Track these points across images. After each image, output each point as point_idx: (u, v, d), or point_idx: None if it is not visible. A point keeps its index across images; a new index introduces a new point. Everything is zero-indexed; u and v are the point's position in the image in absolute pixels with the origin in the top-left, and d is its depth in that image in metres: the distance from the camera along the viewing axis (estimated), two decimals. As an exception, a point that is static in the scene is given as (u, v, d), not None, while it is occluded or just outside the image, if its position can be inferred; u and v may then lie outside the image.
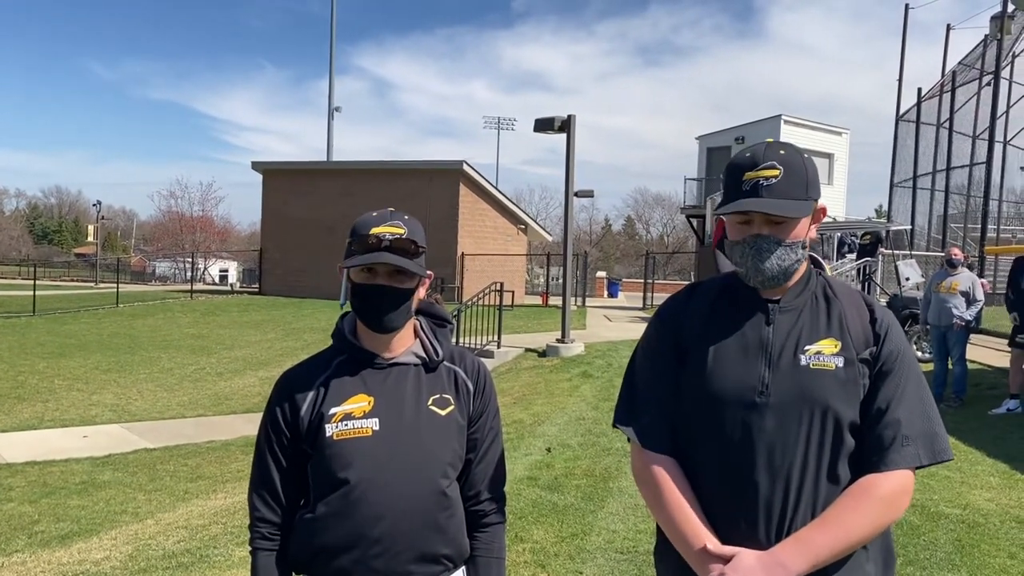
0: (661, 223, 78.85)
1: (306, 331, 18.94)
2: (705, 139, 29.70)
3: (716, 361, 1.80)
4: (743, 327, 1.81)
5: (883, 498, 1.69)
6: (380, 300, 1.89)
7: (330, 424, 1.88)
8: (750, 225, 1.78)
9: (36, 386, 12.38)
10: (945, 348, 9.79)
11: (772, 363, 1.76)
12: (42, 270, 41.86)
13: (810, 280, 1.86)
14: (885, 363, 1.77)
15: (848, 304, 1.84)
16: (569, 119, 13.91)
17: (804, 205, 1.76)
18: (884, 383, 1.76)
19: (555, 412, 9.48)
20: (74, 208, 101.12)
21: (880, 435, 1.72)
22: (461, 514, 2.00)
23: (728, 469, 1.75)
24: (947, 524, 5.44)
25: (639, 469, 1.87)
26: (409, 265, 1.87)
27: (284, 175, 29.72)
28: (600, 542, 5.11)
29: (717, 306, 1.87)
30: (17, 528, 6.04)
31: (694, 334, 1.85)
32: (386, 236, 1.86)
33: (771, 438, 1.72)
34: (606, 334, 16.56)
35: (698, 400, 1.80)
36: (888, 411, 1.73)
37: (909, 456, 1.71)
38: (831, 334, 1.79)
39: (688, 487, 1.79)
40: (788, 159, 1.77)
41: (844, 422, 1.73)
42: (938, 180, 24.52)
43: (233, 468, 7.95)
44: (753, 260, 1.77)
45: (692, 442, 1.81)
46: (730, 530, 1.73)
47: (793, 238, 1.77)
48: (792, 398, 1.73)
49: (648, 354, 1.93)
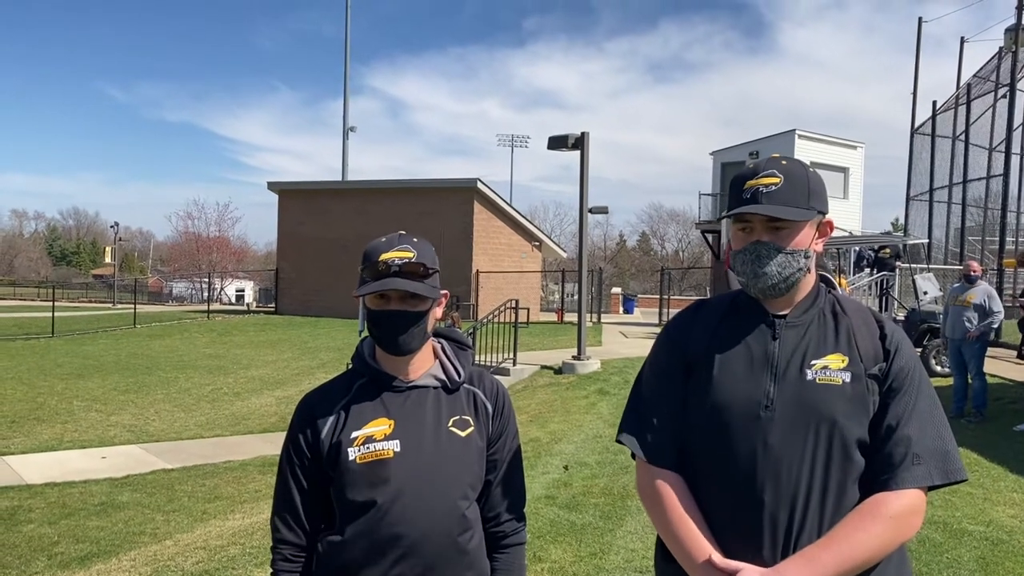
0: (676, 238, 78.86)
1: (322, 350, 18.98)
2: (719, 154, 29.66)
3: (722, 375, 1.78)
4: (749, 342, 1.80)
5: (893, 517, 1.65)
6: (394, 324, 1.91)
7: (352, 447, 1.89)
8: (750, 233, 1.78)
9: (55, 407, 12.45)
10: (963, 361, 9.71)
11: (778, 377, 1.75)
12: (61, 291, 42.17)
13: (819, 296, 1.85)
14: (895, 380, 1.74)
15: (857, 320, 1.82)
16: (583, 136, 13.95)
17: (803, 212, 1.76)
18: (894, 400, 1.72)
19: (572, 430, 9.45)
20: (92, 230, 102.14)
21: (890, 453, 1.69)
22: (481, 535, 2.00)
23: (733, 484, 1.73)
24: (970, 541, 5.38)
25: (644, 484, 1.86)
26: (419, 288, 1.89)
27: (299, 195, 29.90)
28: (619, 561, 5.08)
29: (724, 322, 1.87)
30: (37, 550, 6.06)
31: (700, 349, 1.84)
32: (395, 261, 1.88)
33: (777, 453, 1.70)
34: (622, 350, 16.51)
35: (703, 414, 1.79)
36: (898, 428, 1.70)
37: (920, 475, 1.67)
38: (839, 349, 1.77)
39: (693, 502, 1.78)
40: (789, 168, 1.78)
41: (851, 438, 1.70)
42: (955, 193, 24.41)
43: (251, 488, 7.96)
44: (752, 266, 1.76)
45: (697, 457, 1.80)
46: (735, 547, 1.71)
47: (794, 246, 1.76)
48: (798, 413, 1.71)
49: (655, 370, 1.92)
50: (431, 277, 1.94)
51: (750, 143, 27.80)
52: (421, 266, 1.91)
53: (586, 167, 14.14)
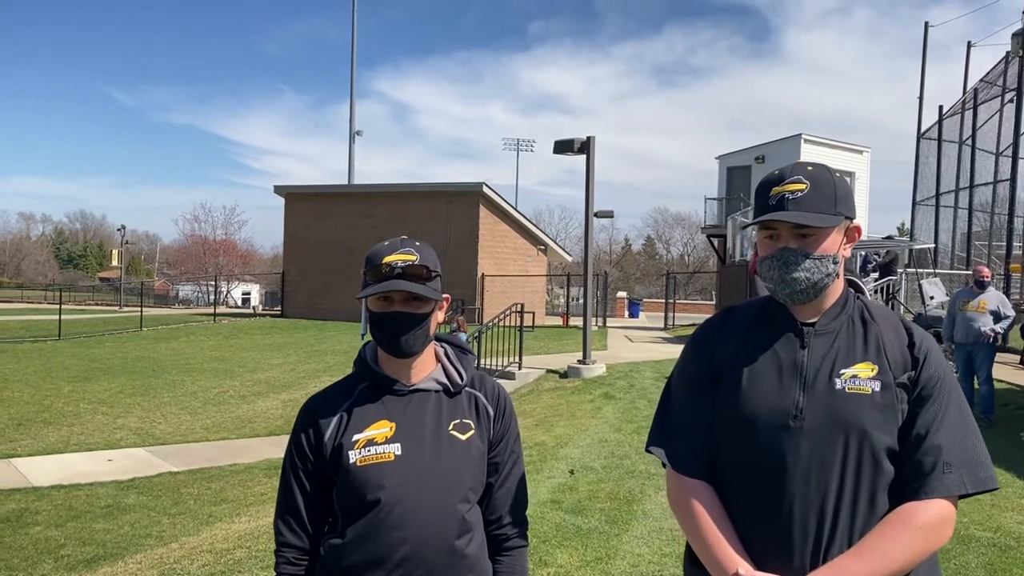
0: (681, 242, 78.80)
1: (328, 353, 19.00)
2: (725, 158, 29.62)
3: (750, 384, 1.77)
4: (777, 350, 1.79)
5: (923, 527, 1.64)
6: (397, 326, 1.92)
7: (353, 450, 1.91)
8: (777, 240, 1.78)
9: (61, 410, 12.48)
10: (971, 367, 9.67)
11: (807, 387, 1.73)
12: (67, 294, 42.32)
13: (847, 303, 1.83)
14: (924, 388, 1.72)
15: (886, 327, 1.80)
16: (588, 140, 13.95)
17: (830, 218, 1.75)
18: (923, 408, 1.71)
19: (577, 434, 9.43)
20: (98, 233, 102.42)
21: (920, 462, 1.68)
22: (483, 538, 2.00)
23: (763, 494, 1.72)
24: (978, 547, 5.36)
25: (673, 494, 1.85)
26: (422, 290, 1.90)
27: (306, 199, 29.95)
28: (625, 566, 5.07)
29: (752, 330, 1.86)
30: (43, 552, 6.07)
31: (728, 358, 1.83)
32: (398, 264, 1.90)
33: (806, 463, 1.69)
34: (627, 355, 16.50)
35: (732, 424, 1.78)
36: (928, 437, 1.68)
37: (952, 484, 1.66)
38: (868, 358, 1.75)
39: (723, 512, 1.77)
40: (815, 174, 1.77)
41: (881, 448, 1.69)
42: (961, 197, 24.35)
43: (256, 491, 7.97)
44: (780, 272, 1.76)
45: (726, 467, 1.79)
46: (765, 557, 1.70)
47: (822, 252, 1.75)
48: (827, 422, 1.70)
49: (682, 379, 1.91)
50: (433, 280, 1.95)
51: (756, 147, 27.75)
52: (424, 268, 1.92)
53: (592, 171, 14.14)
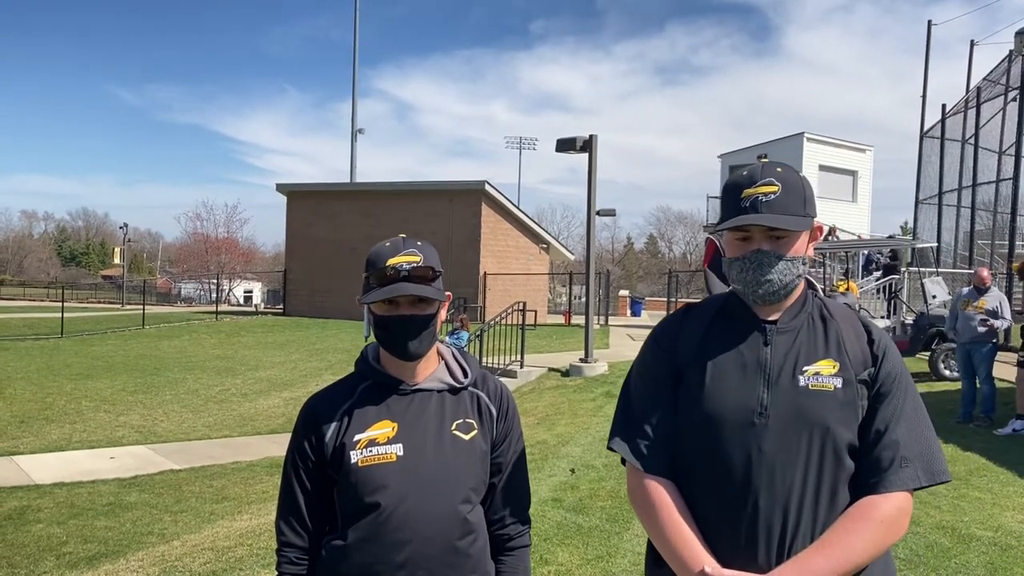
0: (684, 241, 78.71)
1: (330, 351, 19.01)
2: (728, 157, 29.63)
3: (714, 382, 1.78)
4: (740, 348, 1.80)
5: (883, 520, 1.68)
6: (405, 330, 1.91)
7: (355, 450, 1.89)
8: (750, 241, 1.78)
9: (64, 407, 12.50)
10: (972, 367, 9.68)
11: (771, 384, 1.75)
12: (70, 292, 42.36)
13: (807, 301, 1.85)
14: (883, 384, 1.76)
15: (845, 325, 1.83)
16: (591, 139, 13.96)
17: (803, 220, 1.76)
18: (882, 404, 1.74)
19: (579, 432, 9.44)
20: (101, 231, 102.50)
21: (879, 457, 1.71)
22: (485, 538, 2.00)
23: (727, 491, 1.73)
24: (979, 546, 5.36)
25: (636, 490, 1.85)
26: (429, 292, 1.90)
27: (308, 197, 29.97)
28: (626, 564, 5.08)
29: (713, 327, 1.86)
30: (45, 549, 6.09)
31: (690, 355, 1.84)
32: (403, 266, 1.88)
33: (771, 460, 1.71)
34: (629, 353, 16.49)
35: (696, 421, 1.79)
36: (887, 432, 1.72)
37: (908, 478, 1.70)
38: (829, 355, 1.78)
39: (686, 509, 1.78)
40: (785, 176, 1.78)
41: (843, 443, 1.72)
42: (964, 196, 24.28)
43: (258, 489, 7.98)
44: (754, 274, 1.76)
45: (690, 464, 1.80)
46: (729, 554, 1.71)
47: (794, 253, 1.77)
48: (791, 419, 1.72)
49: (643, 375, 1.91)
50: (437, 279, 1.94)
51: (759, 146, 27.78)
52: (429, 270, 1.91)
53: (594, 169, 14.14)
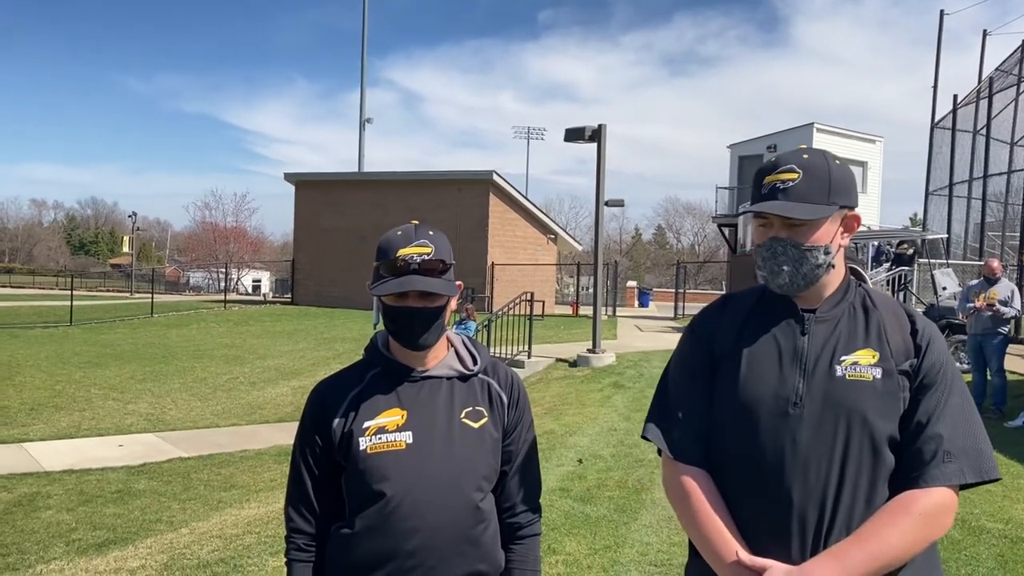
0: (692, 232, 78.58)
1: (338, 341, 19.03)
2: (737, 147, 29.48)
3: (749, 371, 1.76)
4: (778, 337, 1.77)
5: (923, 515, 1.62)
6: (413, 322, 1.88)
7: (363, 437, 1.87)
8: (769, 228, 1.76)
9: (73, 395, 12.54)
10: (983, 359, 9.65)
11: (807, 373, 1.71)
12: (79, 281, 42.50)
13: (848, 290, 1.81)
14: (927, 376, 1.70)
15: (888, 314, 1.78)
16: (600, 128, 13.90)
17: (821, 209, 1.72)
18: (925, 397, 1.69)
19: (586, 423, 9.43)
20: (110, 219, 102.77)
21: (920, 450, 1.66)
22: (495, 527, 1.98)
23: (761, 482, 1.71)
24: (989, 539, 5.33)
25: (670, 481, 1.84)
26: (439, 288, 1.86)
27: (316, 186, 29.98)
28: (634, 554, 5.07)
29: (751, 316, 1.84)
30: (55, 536, 6.11)
31: (727, 344, 1.81)
32: (414, 258, 1.85)
33: (805, 450, 1.67)
34: (637, 344, 16.48)
35: (731, 411, 1.77)
36: (929, 425, 1.66)
37: (951, 473, 1.64)
38: (869, 345, 1.73)
39: (719, 500, 1.76)
40: (810, 163, 1.74)
41: (882, 435, 1.67)
42: (975, 188, 24.15)
43: (266, 477, 7.99)
44: (768, 263, 1.75)
45: (725, 454, 1.78)
46: (763, 544, 1.69)
47: (813, 242, 1.72)
48: (827, 409, 1.68)
49: (681, 365, 1.90)
50: (448, 271, 1.91)
51: (768, 136, 27.62)
52: (440, 263, 1.88)
53: (603, 159, 14.08)
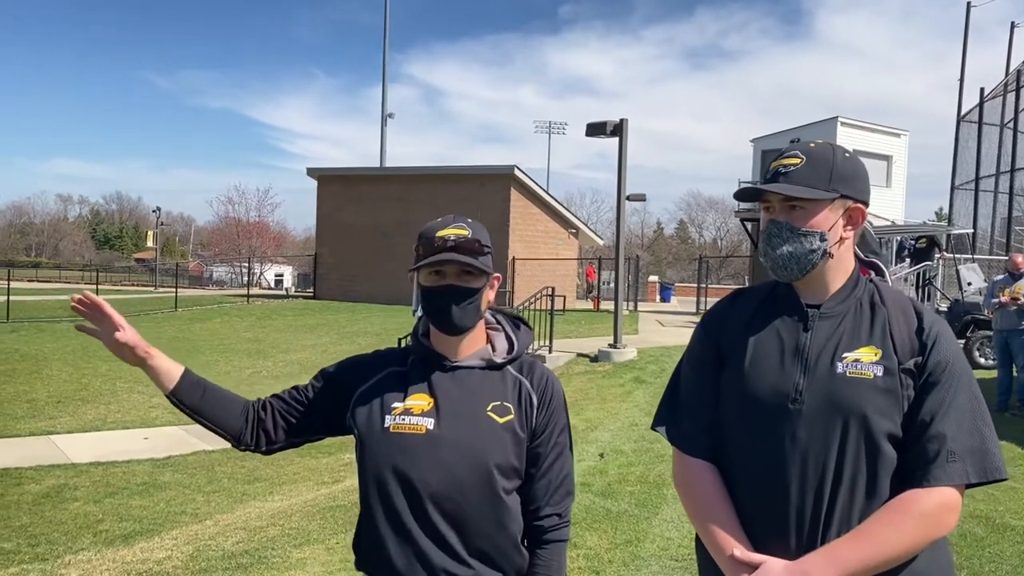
0: (714, 226, 78.27)
1: (360, 335, 19.13)
2: (760, 141, 29.29)
3: (752, 366, 1.77)
4: (781, 333, 1.78)
5: (924, 514, 1.61)
6: (449, 300, 1.90)
7: (389, 415, 1.91)
8: (771, 212, 1.79)
9: (99, 388, 12.71)
10: (1008, 355, 9.55)
11: (808, 370, 1.72)
12: (103, 275, 42.94)
13: (857, 286, 1.81)
14: (932, 374, 1.68)
15: (895, 311, 1.76)
16: (621, 123, 13.85)
17: (818, 192, 1.73)
18: (929, 395, 1.67)
19: (608, 418, 9.44)
20: (134, 214, 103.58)
21: (923, 449, 1.64)
22: (517, 528, 1.95)
23: (761, 476, 1.73)
24: (1013, 536, 5.30)
25: (677, 474, 1.88)
26: (475, 263, 1.89)
27: (338, 181, 30.08)
28: (654, 549, 5.08)
29: (760, 311, 1.85)
30: (83, 527, 6.21)
31: (734, 339, 1.83)
32: (451, 237, 1.89)
33: (804, 447, 1.68)
34: (658, 339, 16.44)
35: (734, 405, 1.79)
36: (932, 424, 1.65)
37: (955, 472, 1.62)
38: (872, 342, 1.72)
39: (724, 493, 1.78)
40: (815, 151, 1.76)
41: (881, 433, 1.66)
42: (1002, 182, 23.86)
43: (289, 471, 8.06)
44: (764, 245, 1.77)
45: (728, 448, 1.80)
46: (764, 538, 1.71)
47: (809, 227, 1.73)
48: (826, 406, 1.68)
49: (690, 360, 1.92)
50: (486, 256, 1.94)
51: (791, 130, 27.41)
52: (477, 242, 1.91)
53: (624, 154, 14.04)
